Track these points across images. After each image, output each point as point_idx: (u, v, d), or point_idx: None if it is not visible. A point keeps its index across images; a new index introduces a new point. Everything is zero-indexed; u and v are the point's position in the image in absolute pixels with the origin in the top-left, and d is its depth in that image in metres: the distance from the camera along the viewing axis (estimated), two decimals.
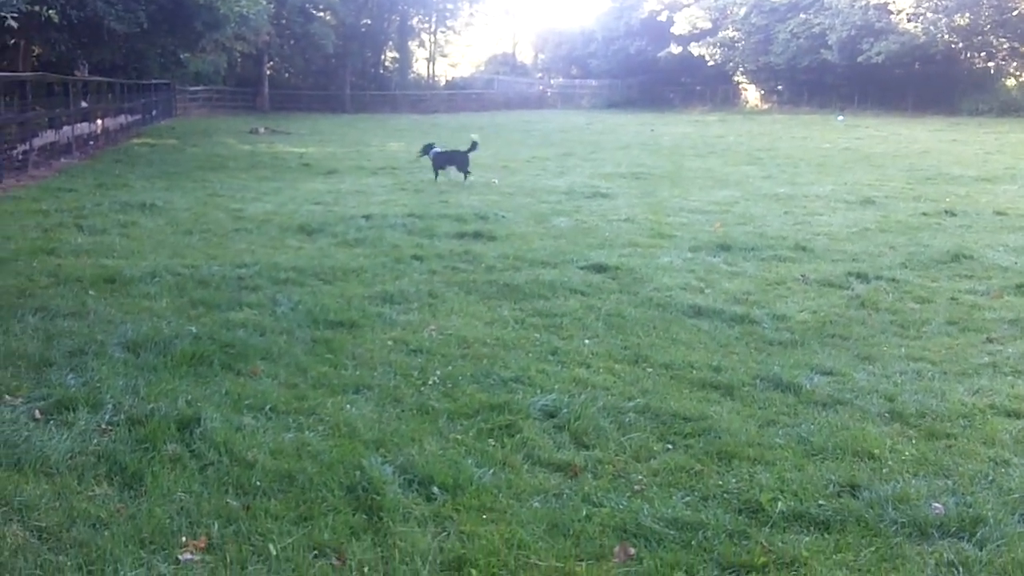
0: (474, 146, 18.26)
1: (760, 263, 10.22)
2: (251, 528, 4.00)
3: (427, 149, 18.26)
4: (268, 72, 61.48)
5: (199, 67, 49.18)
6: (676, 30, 64.66)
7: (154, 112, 39.14)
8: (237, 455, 4.72)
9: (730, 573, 3.84)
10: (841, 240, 11.78)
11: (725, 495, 4.49)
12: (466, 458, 4.78)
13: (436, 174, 17.89)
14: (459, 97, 70.35)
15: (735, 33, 62.05)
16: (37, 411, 5.27)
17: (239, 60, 57.50)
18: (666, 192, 16.85)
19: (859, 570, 3.86)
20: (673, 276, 9.38)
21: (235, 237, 11.30)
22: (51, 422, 5.13)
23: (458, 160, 17.94)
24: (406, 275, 9.22)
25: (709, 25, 63.49)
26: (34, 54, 24.76)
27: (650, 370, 6.38)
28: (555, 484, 4.56)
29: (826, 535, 4.12)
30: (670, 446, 5.09)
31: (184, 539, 3.89)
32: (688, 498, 4.45)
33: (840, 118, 48.72)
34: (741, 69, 63.96)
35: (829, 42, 55.18)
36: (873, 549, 4.00)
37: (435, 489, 4.41)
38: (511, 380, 6.02)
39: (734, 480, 4.65)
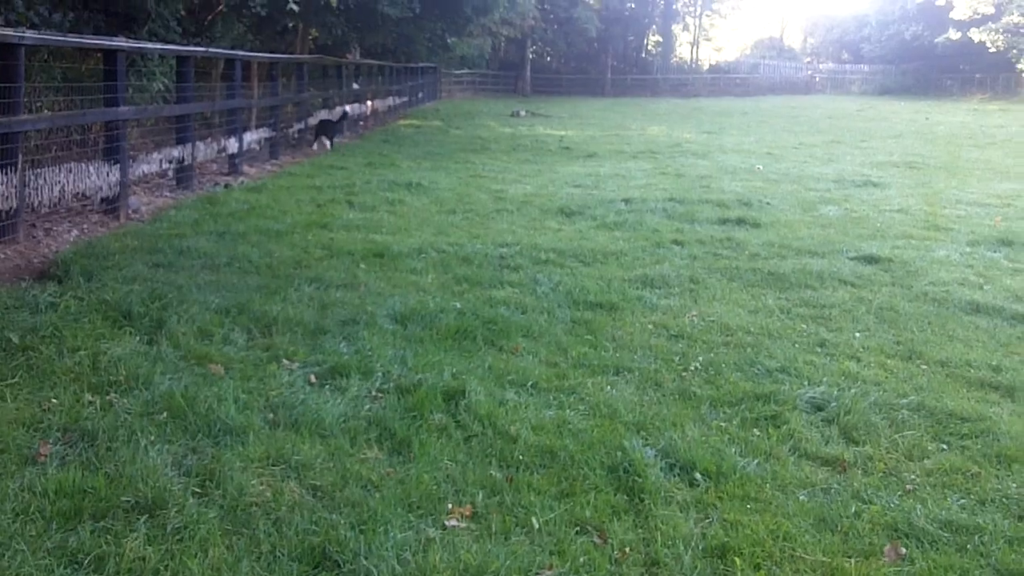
0: (344, 115, 21.23)
1: None
2: (514, 500, 4.04)
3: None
4: (530, 56, 62.49)
5: (465, 51, 50.41)
6: (956, 15, 61.34)
7: (420, 94, 40.50)
8: (500, 428, 4.79)
9: None
10: None
11: (1004, 500, 4.25)
12: (729, 446, 4.68)
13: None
14: (722, 81, 69.47)
15: (1021, 19, 58.20)
16: (312, 375, 5.51)
17: (503, 44, 58.75)
18: (942, 183, 15.99)
19: None
20: (950, 270, 8.90)
21: (496, 217, 11.47)
22: (326, 386, 5.35)
23: (328, 128, 20.08)
24: (666, 260, 9.12)
25: (992, 10, 59.81)
26: (311, 37, 25.99)
27: (924, 367, 6.07)
28: (823, 478, 4.41)
29: None
30: (945, 446, 4.83)
31: (450, 506, 3.98)
32: (964, 501, 4.22)
33: None
34: None
35: None
36: None
37: (697, 475, 4.34)
38: (776, 370, 5.85)
39: (1014, 485, 4.38)
